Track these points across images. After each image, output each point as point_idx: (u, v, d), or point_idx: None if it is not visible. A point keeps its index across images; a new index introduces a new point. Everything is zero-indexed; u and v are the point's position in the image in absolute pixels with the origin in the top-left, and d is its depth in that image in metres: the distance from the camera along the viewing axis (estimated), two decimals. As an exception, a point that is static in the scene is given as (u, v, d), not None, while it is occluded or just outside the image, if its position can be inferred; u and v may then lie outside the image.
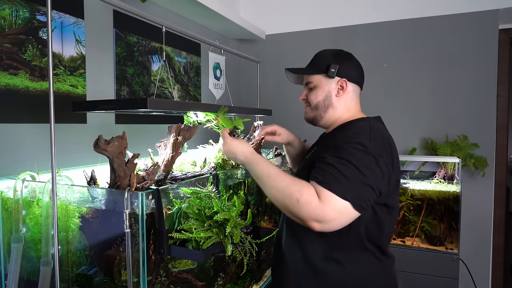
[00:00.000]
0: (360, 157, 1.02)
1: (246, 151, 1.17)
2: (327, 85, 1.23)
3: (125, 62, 1.87)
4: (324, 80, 1.23)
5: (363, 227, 1.09)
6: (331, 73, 1.20)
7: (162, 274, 1.17)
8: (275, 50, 2.96)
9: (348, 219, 1.00)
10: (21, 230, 1.18)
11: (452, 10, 2.45)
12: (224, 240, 1.10)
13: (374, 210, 1.08)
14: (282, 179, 1.04)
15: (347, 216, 0.99)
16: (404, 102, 2.61)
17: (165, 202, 1.10)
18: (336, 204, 0.97)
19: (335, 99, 1.22)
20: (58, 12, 1.51)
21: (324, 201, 0.96)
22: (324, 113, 1.25)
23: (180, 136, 1.25)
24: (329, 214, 0.96)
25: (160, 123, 2.10)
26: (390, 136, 1.16)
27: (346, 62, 1.23)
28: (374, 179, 1.02)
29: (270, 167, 1.09)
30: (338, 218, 0.98)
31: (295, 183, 1.02)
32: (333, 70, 1.20)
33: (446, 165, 2.37)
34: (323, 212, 0.96)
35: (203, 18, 2.42)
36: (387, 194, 1.07)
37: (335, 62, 1.21)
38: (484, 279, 2.50)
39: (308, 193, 0.98)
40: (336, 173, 1.00)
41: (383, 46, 2.64)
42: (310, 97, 1.26)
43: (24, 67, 1.39)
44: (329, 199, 0.97)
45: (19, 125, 1.39)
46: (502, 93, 2.47)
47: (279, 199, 1.03)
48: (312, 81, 1.25)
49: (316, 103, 1.25)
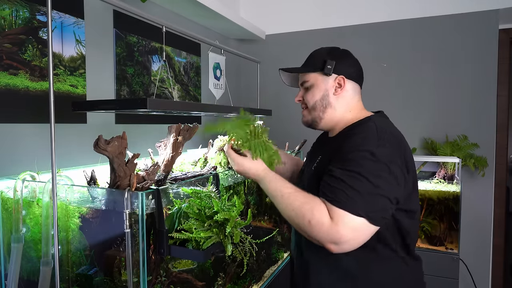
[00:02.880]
0: (369, 167, 0.94)
1: (259, 169, 1.10)
2: (324, 83, 1.16)
3: (125, 62, 1.87)
4: (320, 78, 1.16)
5: (386, 236, 1.03)
6: (328, 70, 1.13)
7: (162, 274, 1.17)
8: (275, 50, 2.96)
9: (366, 236, 0.94)
10: (21, 230, 1.18)
11: (452, 10, 2.46)
12: (224, 240, 1.10)
13: (394, 218, 1.01)
14: (295, 198, 0.99)
15: (365, 233, 0.93)
16: (404, 102, 2.61)
17: (165, 202, 1.10)
18: (350, 223, 0.90)
19: (333, 98, 1.15)
20: (58, 12, 1.51)
21: (337, 221, 0.91)
22: (323, 113, 1.17)
23: (180, 136, 1.25)
24: (345, 235, 0.90)
25: (160, 123, 2.10)
26: (398, 131, 1.09)
27: (343, 59, 1.17)
28: (388, 188, 0.94)
29: (283, 185, 1.04)
30: (356, 237, 0.92)
31: (308, 201, 0.97)
32: (330, 67, 1.13)
33: (446, 165, 2.37)
34: (337, 233, 0.90)
35: (203, 18, 2.41)
36: (406, 199, 1.01)
37: (331, 58, 1.15)
38: (484, 279, 2.50)
39: (320, 213, 0.93)
40: (346, 188, 0.93)
41: (383, 46, 2.64)
42: (307, 98, 1.18)
43: (24, 67, 1.39)
44: (342, 218, 0.91)
45: (19, 125, 1.39)
46: (502, 93, 2.47)
47: (293, 219, 0.99)
48: (308, 80, 1.18)
49: (313, 104, 1.17)
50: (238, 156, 1.11)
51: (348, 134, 1.09)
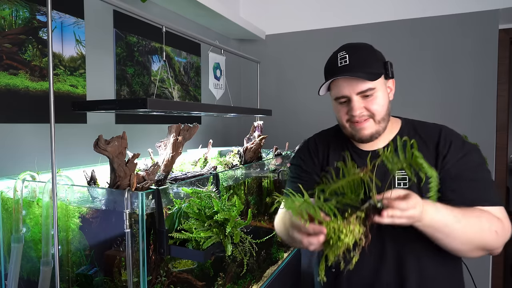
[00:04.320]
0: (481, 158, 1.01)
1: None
2: (385, 88, 1.03)
3: (125, 62, 1.87)
4: (382, 82, 1.02)
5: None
6: (391, 73, 1.03)
7: (162, 274, 1.17)
8: (275, 50, 2.96)
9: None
10: (21, 230, 1.18)
11: (452, 10, 2.46)
12: (224, 240, 1.10)
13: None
14: (469, 216, 0.89)
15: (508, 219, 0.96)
16: (404, 102, 2.61)
17: (165, 202, 1.10)
18: (506, 214, 0.95)
19: (390, 103, 1.06)
20: (58, 12, 1.51)
21: (503, 218, 0.93)
22: (387, 123, 1.05)
23: (180, 136, 1.25)
24: (510, 228, 0.94)
25: (160, 123, 2.10)
26: None
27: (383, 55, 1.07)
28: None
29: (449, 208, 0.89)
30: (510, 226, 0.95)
31: (480, 215, 0.91)
32: (392, 70, 1.03)
33: (446, 165, 2.37)
34: (509, 230, 0.93)
35: (203, 18, 2.42)
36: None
37: (384, 58, 1.04)
38: (484, 279, 2.50)
39: (497, 220, 0.92)
40: (487, 184, 0.97)
41: (383, 46, 2.62)
42: (373, 107, 1.00)
43: (24, 67, 1.39)
44: (504, 214, 0.94)
45: (19, 125, 1.39)
46: (502, 93, 2.47)
47: (474, 239, 0.90)
48: (374, 86, 0.99)
49: (384, 113, 1.02)
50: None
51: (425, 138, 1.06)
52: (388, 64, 1.02)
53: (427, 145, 1.04)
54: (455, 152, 1.00)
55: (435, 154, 1.02)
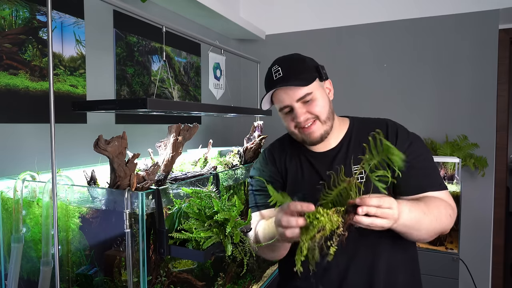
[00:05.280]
0: (426, 147, 1.11)
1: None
2: (323, 90, 1.10)
3: (125, 62, 1.87)
4: (319, 85, 1.09)
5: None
6: (325, 75, 1.10)
7: (162, 274, 1.17)
8: (275, 50, 2.94)
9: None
10: (21, 230, 1.18)
11: (452, 10, 2.46)
12: (224, 240, 1.10)
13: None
14: (431, 208, 0.98)
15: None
16: (404, 102, 2.61)
17: (165, 202, 1.10)
18: (450, 195, 1.06)
19: (331, 103, 1.12)
20: (58, 12, 1.51)
21: (449, 200, 1.05)
22: (333, 121, 1.11)
23: (180, 136, 1.25)
24: (455, 208, 1.05)
25: (160, 123, 2.10)
26: None
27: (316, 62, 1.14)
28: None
29: (417, 204, 0.96)
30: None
31: (438, 203, 1.01)
32: (325, 71, 1.10)
33: (446, 165, 2.37)
34: (455, 209, 1.04)
35: (203, 18, 2.41)
36: None
37: (315, 63, 1.11)
38: (484, 279, 2.50)
39: (447, 203, 1.03)
40: (436, 171, 1.08)
41: (383, 46, 2.64)
42: (316, 110, 1.06)
43: (24, 67, 1.39)
44: (449, 197, 1.06)
45: (19, 125, 1.39)
46: (502, 93, 2.47)
47: (437, 227, 0.99)
48: (311, 91, 1.05)
49: (327, 114, 1.08)
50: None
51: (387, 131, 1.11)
52: (319, 68, 1.08)
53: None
54: (402, 143, 1.07)
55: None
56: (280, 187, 1.19)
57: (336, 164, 1.10)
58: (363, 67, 2.67)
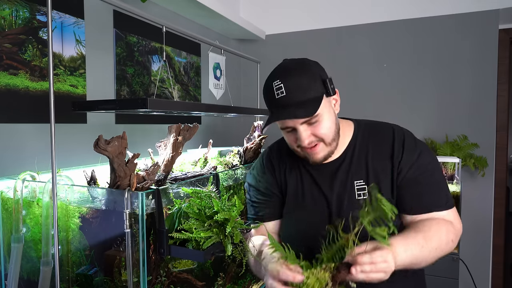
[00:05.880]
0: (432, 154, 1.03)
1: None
2: (330, 106, 0.99)
3: (125, 62, 1.87)
4: (325, 103, 0.97)
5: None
6: (332, 90, 0.97)
7: (162, 274, 1.17)
8: (275, 50, 2.96)
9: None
10: (21, 230, 1.18)
11: (452, 10, 2.45)
12: (224, 240, 1.10)
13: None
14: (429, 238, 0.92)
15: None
16: (404, 102, 2.61)
17: (165, 202, 1.10)
18: (456, 213, 1.00)
19: (336, 117, 1.03)
20: (58, 12, 1.51)
21: (455, 219, 0.99)
22: (339, 138, 1.03)
23: (180, 136, 1.25)
24: (461, 228, 0.99)
25: (160, 123, 2.10)
26: None
27: (323, 69, 1.01)
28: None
29: (413, 242, 0.91)
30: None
31: (436, 229, 0.94)
32: (332, 86, 0.97)
33: (446, 165, 2.37)
34: (460, 230, 0.99)
35: (203, 18, 2.41)
36: None
37: (322, 74, 0.98)
38: (484, 279, 2.50)
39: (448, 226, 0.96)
40: (441, 185, 1.00)
41: (383, 46, 2.64)
42: (321, 132, 0.97)
43: (24, 67, 1.39)
44: (455, 215, 0.99)
45: (19, 125, 1.39)
46: (502, 93, 2.47)
47: (439, 255, 0.95)
48: (318, 113, 0.94)
49: (333, 135, 0.99)
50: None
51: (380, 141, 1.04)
52: (327, 82, 0.96)
53: (382, 147, 1.04)
54: (409, 155, 1.01)
55: (391, 156, 1.02)
56: (277, 200, 1.14)
57: (339, 176, 1.03)
58: (363, 67, 2.67)
